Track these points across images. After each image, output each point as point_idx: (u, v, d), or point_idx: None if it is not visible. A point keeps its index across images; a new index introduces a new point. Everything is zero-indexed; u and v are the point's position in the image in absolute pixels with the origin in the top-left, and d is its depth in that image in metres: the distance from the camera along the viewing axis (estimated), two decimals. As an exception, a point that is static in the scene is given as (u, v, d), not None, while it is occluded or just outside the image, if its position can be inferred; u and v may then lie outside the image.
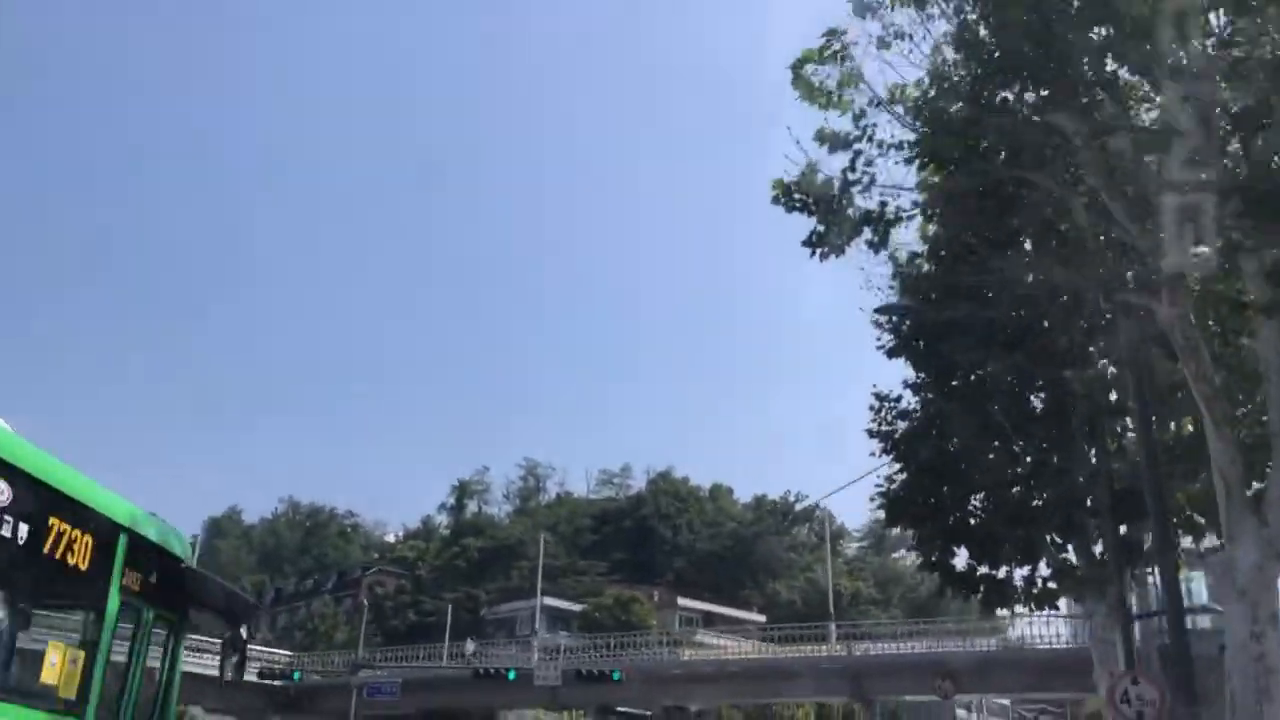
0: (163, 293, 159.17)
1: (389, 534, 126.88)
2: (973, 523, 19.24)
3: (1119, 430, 18.15)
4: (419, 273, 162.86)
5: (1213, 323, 13.13)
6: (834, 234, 12.96)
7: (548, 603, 72.64)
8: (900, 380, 19.98)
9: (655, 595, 78.89)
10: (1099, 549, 18.57)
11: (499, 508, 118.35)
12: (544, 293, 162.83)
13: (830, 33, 12.79)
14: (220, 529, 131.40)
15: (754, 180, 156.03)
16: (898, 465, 20.14)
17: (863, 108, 13.19)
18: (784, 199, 13.28)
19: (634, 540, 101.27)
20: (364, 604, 45.09)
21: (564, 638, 46.63)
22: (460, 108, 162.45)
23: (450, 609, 58.82)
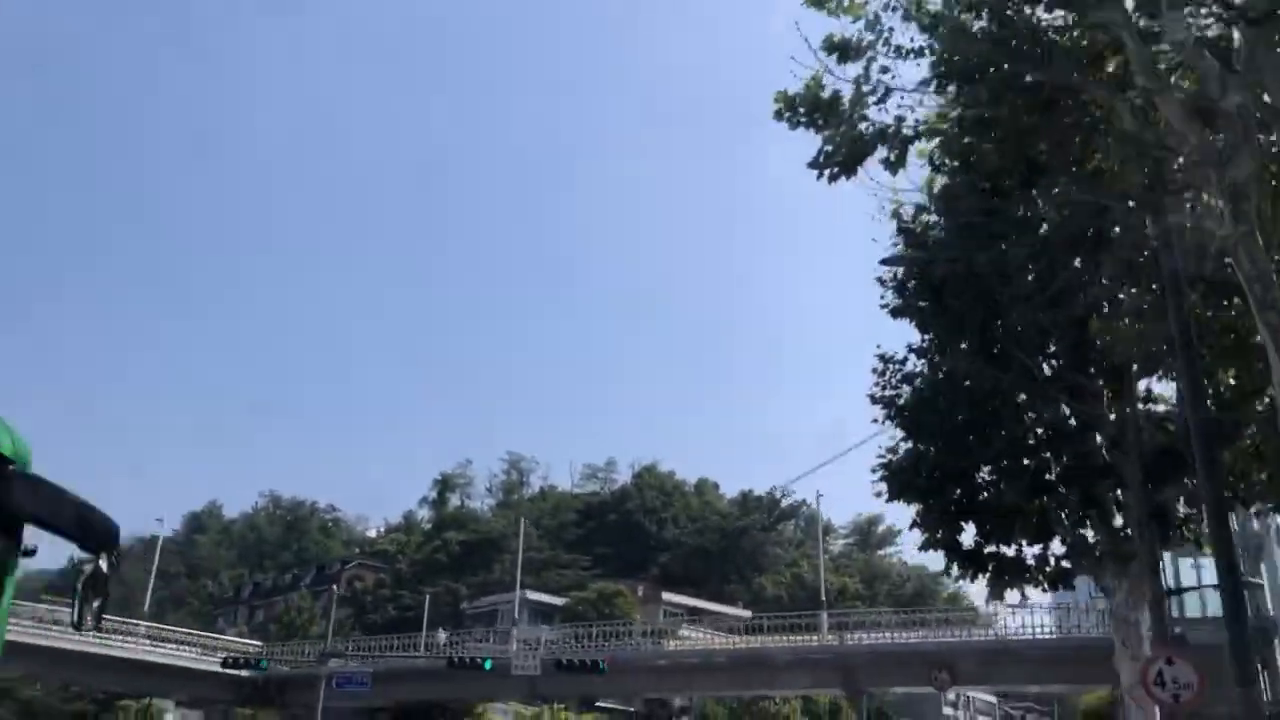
0: (150, 290, 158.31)
1: (371, 529, 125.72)
2: (982, 496, 17.91)
3: (1147, 391, 16.67)
4: (405, 269, 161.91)
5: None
6: (844, 152, 11.44)
7: (530, 596, 71.21)
8: (905, 344, 18.63)
9: (640, 590, 77.82)
10: (1118, 522, 17.24)
11: (482, 501, 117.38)
12: (531, 289, 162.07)
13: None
14: (200, 524, 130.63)
15: (751, 176, 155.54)
16: (901, 434, 18.75)
17: (876, 12, 11.69)
18: (787, 114, 11.80)
19: (618, 534, 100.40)
20: (334, 590, 43.39)
21: (545, 631, 45.11)
22: (454, 105, 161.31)
23: (428, 601, 57.16)
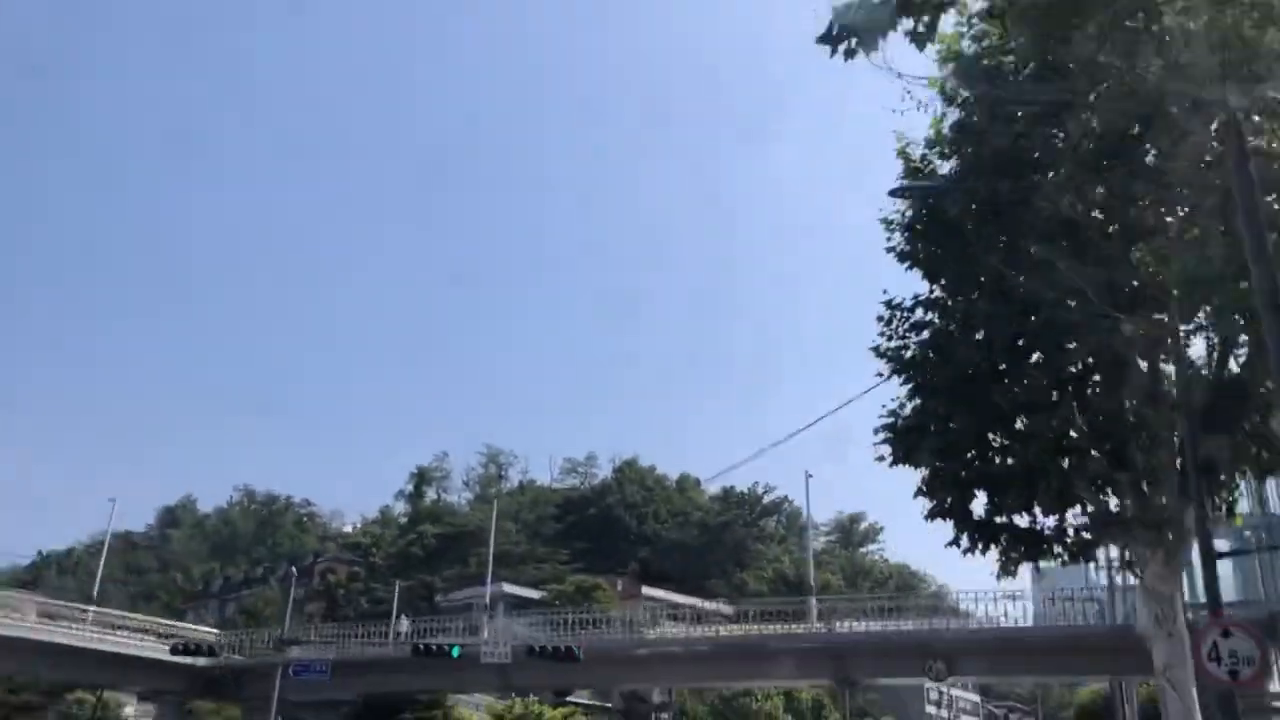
0: (134, 282, 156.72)
1: (347, 524, 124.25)
2: (996, 461, 16.11)
3: (1185, 339, 14.87)
4: (391, 266, 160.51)
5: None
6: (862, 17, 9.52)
7: (506, 589, 69.31)
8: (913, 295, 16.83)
9: (619, 584, 76.25)
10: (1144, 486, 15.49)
11: (459, 495, 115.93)
12: (515, 287, 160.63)
13: None
14: (174, 518, 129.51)
15: (738, 170, 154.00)
16: (907, 391, 16.92)
17: None
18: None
19: (598, 529, 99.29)
20: (292, 571, 41.29)
21: (521, 625, 43.15)
22: (448, 102, 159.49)
23: (398, 590, 55.15)
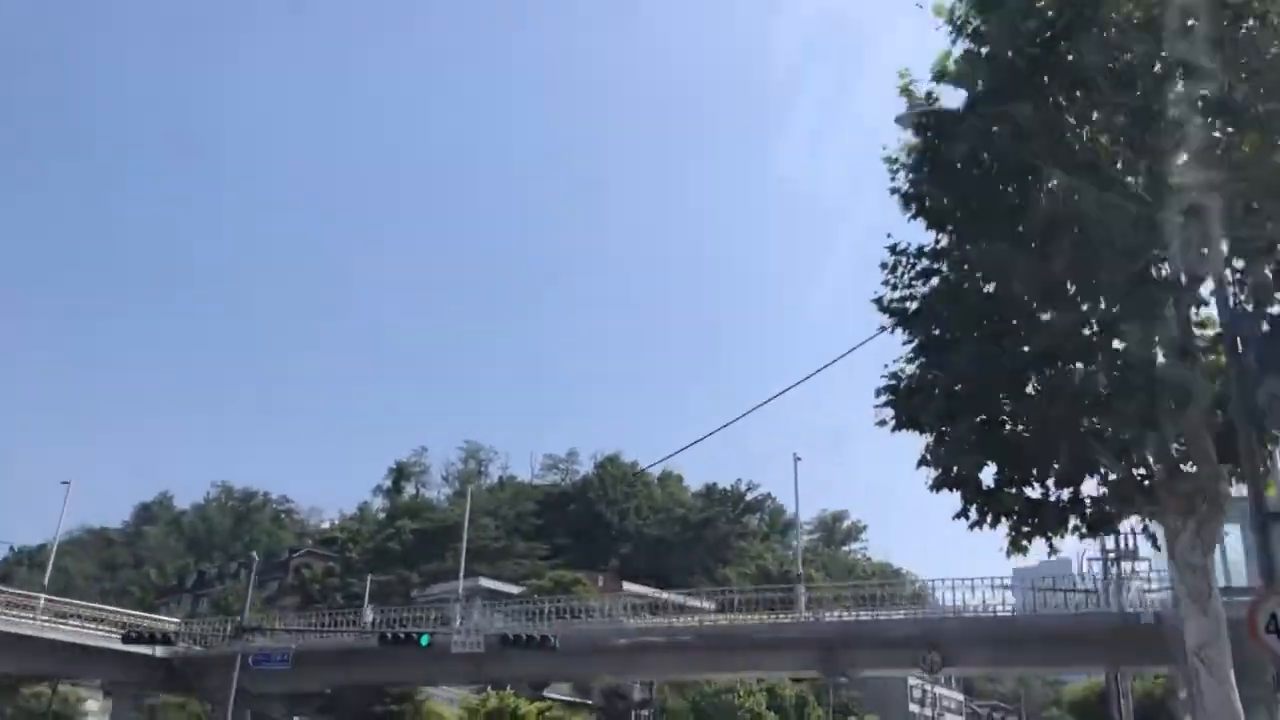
0: (112, 276, 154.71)
1: (325, 521, 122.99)
2: (1008, 427, 14.73)
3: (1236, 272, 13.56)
4: (374, 262, 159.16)
5: None
6: None
7: (483, 584, 67.83)
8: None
9: (600, 580, 75.08)
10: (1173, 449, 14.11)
11: (438, 491, 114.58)
12: (505, 286, 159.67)
13: None
14: (150, 515, 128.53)
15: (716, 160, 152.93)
16: (912, 350, 15.49)
17: None
18: None
19: (579, 525, 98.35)
20: (253, 557, 39.53)
21: (497, 617, 41.61)
22: (438, 101, 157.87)
23: (369, 581, 53.53)
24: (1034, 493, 15.12)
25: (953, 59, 14.63)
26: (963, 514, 15.20)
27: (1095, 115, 13.05)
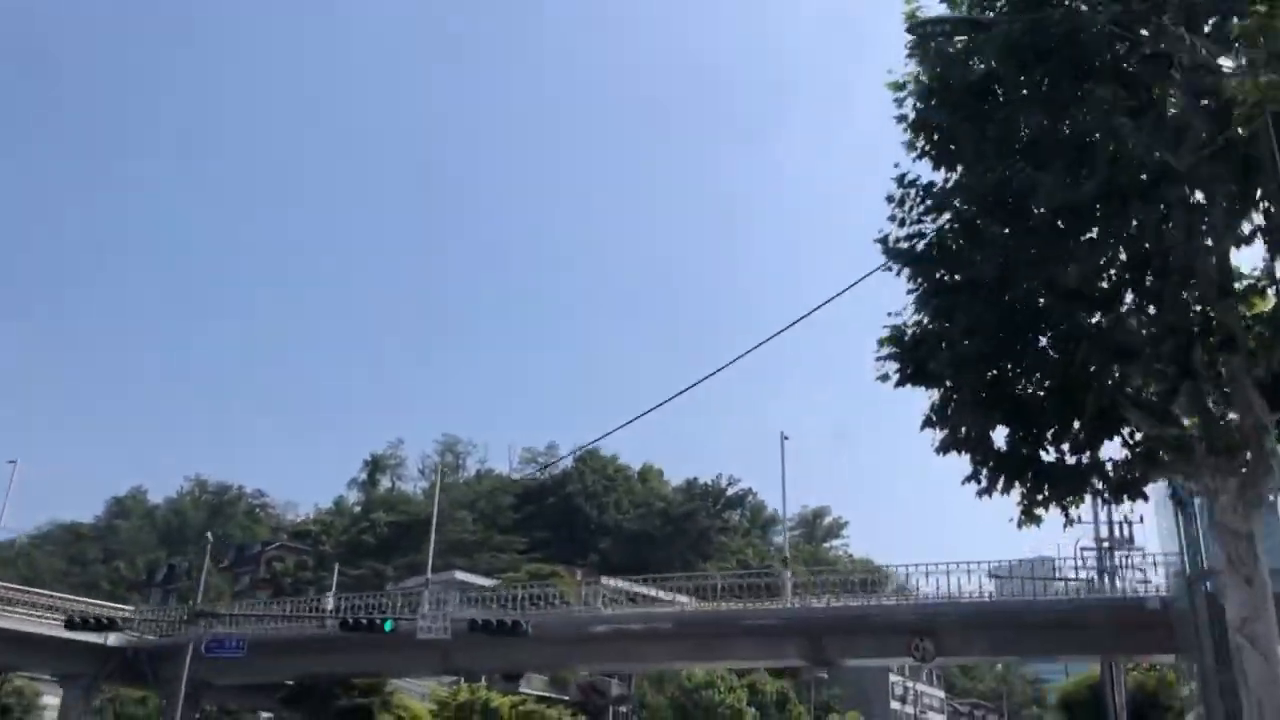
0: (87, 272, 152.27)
1: (301, 515, 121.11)
2: (1021, 386, 13.44)
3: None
4: (357, 257, 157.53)
5: None
6: None
7: (458, 576, 66.30)
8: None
9: (578, 574, 73.65)
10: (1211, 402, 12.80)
11: (414, 484, 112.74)
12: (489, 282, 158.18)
13: None
14: (123, 509, 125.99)
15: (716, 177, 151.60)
16: (920, 296, 14.14)
17: None
18: None
19: (558, 519, 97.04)
20: (208, 537, 37.75)
21: (471, 609, 39.91)
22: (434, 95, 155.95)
23: (336, 570, 51.88)
24: (1050, 456, 13.81)
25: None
26: (973, 478, 13.87)
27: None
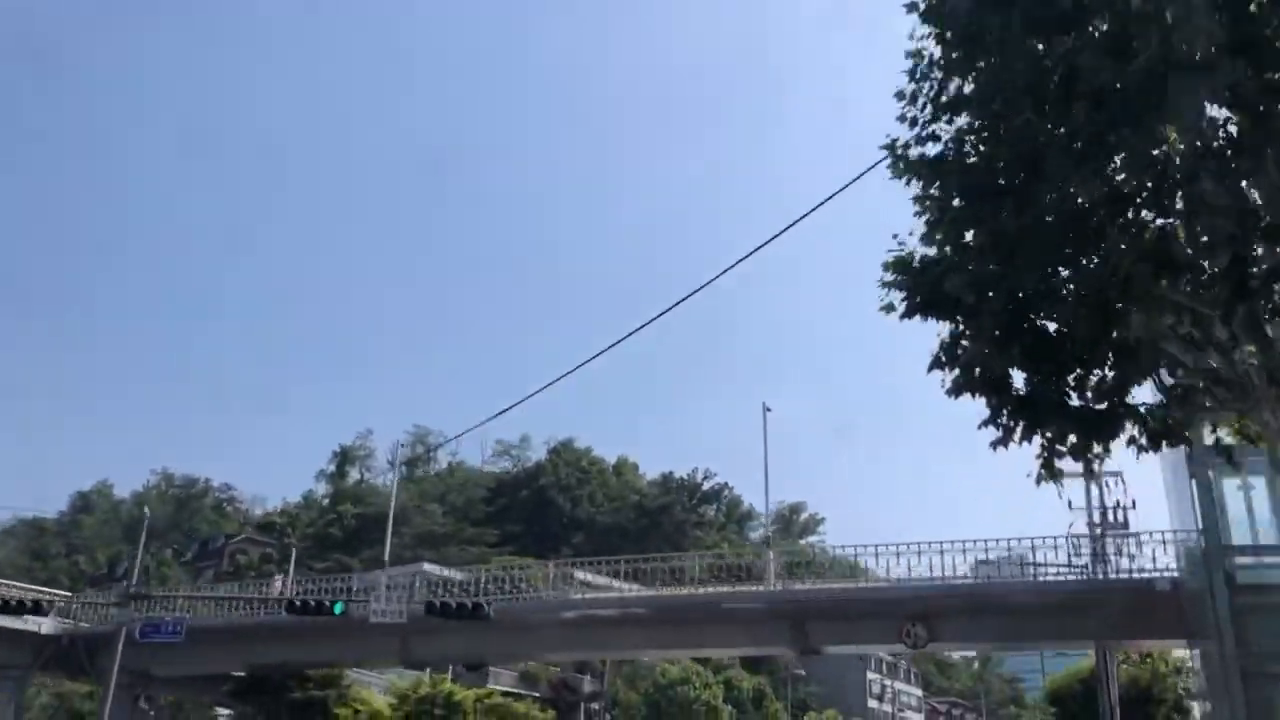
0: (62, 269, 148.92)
1: (269, 508, 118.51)
2: (1037, 320, 11.71)
3: None
4: (341, 251, 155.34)
5: None
6: None
7: (426, 569, 64.01)
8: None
9: (550, 567, 71.69)
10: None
11: (384, 476, 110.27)
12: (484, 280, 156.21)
13: None
14: (88, 503, 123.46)
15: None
16: (931, 214, 12.35)
17: None
18: None
19: (531, 512, 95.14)
20: (146, 512, 35.42)
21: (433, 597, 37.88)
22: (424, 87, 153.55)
23: (294, 555, 49.75)
24: (1075, 402, 12.03)
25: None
26: (991, 422, 12.07)
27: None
